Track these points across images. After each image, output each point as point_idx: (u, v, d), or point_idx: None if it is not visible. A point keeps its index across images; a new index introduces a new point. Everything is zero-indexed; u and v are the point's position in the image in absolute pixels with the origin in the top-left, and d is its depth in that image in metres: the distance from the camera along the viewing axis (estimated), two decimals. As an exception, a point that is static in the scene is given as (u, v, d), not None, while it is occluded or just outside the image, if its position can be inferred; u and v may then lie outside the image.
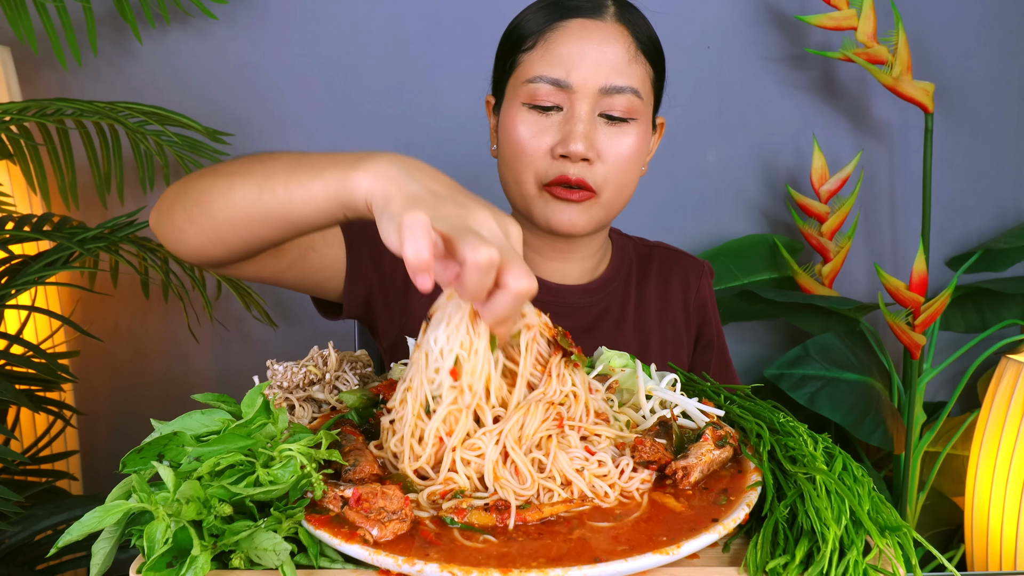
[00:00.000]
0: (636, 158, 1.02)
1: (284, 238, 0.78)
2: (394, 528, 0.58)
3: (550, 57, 0.98)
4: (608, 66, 0.98)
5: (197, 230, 0.80)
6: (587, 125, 0.98)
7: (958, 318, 2.00)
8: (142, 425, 0.69)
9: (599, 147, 0.99)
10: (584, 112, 0.98)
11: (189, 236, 0.81)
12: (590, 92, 0.98)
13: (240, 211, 0.75)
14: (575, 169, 0.99)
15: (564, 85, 0.98)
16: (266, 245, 0.80)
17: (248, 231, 0.77)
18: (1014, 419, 1.54)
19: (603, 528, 0.61)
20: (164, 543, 0.54)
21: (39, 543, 1.35)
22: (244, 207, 0.74)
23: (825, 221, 1.88)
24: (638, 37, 1.02)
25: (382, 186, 0.64)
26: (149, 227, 1.58)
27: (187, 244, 0.82)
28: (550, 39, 0.99)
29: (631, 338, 1.14)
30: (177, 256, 0.88)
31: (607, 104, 0.99)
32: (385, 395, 0.79)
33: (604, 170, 1.00)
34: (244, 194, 0.74)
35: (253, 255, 0.84)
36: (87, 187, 1.80)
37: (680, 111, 2.00)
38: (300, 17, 1.86)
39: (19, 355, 1.40)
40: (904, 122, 2.01)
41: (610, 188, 1.02)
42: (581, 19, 0.99)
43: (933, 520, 1.94)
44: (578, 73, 0.97)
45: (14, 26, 1.54)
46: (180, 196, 0.81)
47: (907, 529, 0.61)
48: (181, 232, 0.81)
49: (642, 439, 0.69)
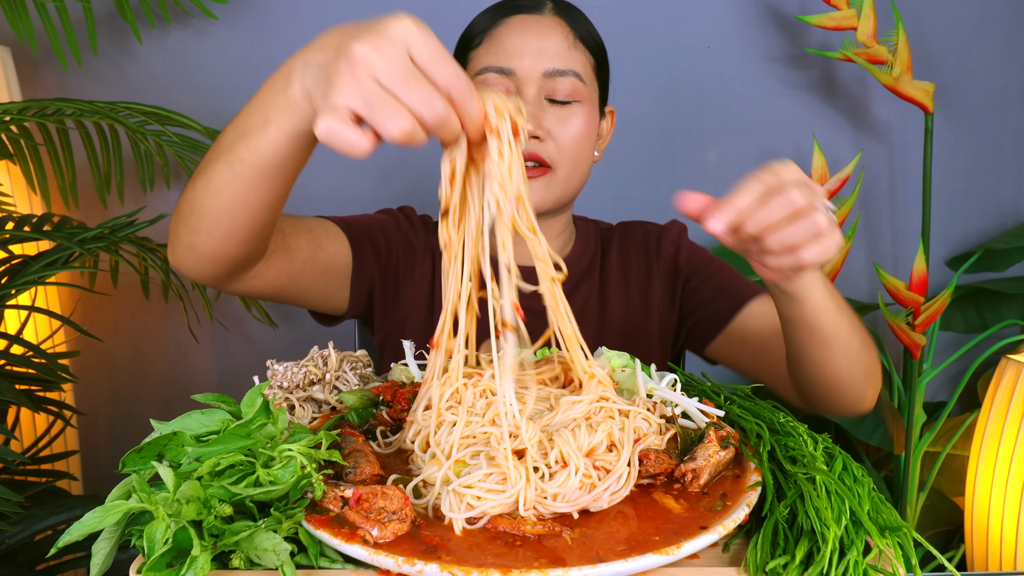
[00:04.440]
0: (584, 137, 1.09)
1: (280, 193, 0.79)
2: (394, 528, 0.58)
3: (495, 50, 1.07)
4: (549, 53, 1.06)
5: (204, 236, 0.82)
6: (533, 106, 1.05)
7: (958, 318, 2.00)
8: (142, 425, 0.69)
9: (547, 127, 1.06)
10: (530, 95, 1.05)
11: (200, 247, 0.83)
12: (534, 77, 1.05)
13: (227, 194, 0.76)
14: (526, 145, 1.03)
15: (508, 72, 1.06)
16: (270, 214, 0.81)
17: (245, 209, 0.78)
18: (1014, 419, 1.54)
19: (603, 528, 0.61)
20: (164, 543, 0.54)
21: (39, 543, 1.35)
22: (228, 189, 0.76)
23: (825, 221, 1.88)
24: (575, 28, 1.09)
25: (306, 99, 0.65)
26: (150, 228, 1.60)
27: (203, 256, 0.84)
28: (495, 35, 1.08)
29: (594, 312, 1.17)
30: (207, 283, 0.92)
31: (551, 87, 1.06)
32: (385, 396, 0.79)
33: (555, 146, 1.07)
34: (220, 178, 0.75)
35: (264, 236, 0.85)
36: (87, 187, 1.80)
37: (680, 111, 2.00)
38: (300, 17, 1.86)
39: (19, 355, 1.40)
40: (904, 122, 2.01)
41: (564, 164, 1.08)
42: (522, 15, 1.08)
43: (933, 520, 1.94)
44: (520, 61, 1.05)
45: (14, 26, 1.54)
46: (178, 220, 0.84)
47: (907, 529, 0.61)
48: (193, 248, 0.84)
49: (647, 452, 0.69)
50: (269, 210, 0.81)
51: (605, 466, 0.66)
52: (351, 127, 0.57)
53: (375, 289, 1.14)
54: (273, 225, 0.87)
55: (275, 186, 0.77)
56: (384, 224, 1.16)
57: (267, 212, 0.81)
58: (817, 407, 0.99)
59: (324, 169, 1.94)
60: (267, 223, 0.83)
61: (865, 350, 0.90)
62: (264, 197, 0.78)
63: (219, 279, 0.91)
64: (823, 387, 0.92)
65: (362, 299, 1.13)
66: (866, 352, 0.90)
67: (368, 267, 1.12)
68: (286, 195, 0.82)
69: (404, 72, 0.57)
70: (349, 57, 0.57)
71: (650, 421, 0.72)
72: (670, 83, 1.99)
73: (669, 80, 1.98)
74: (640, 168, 2.00)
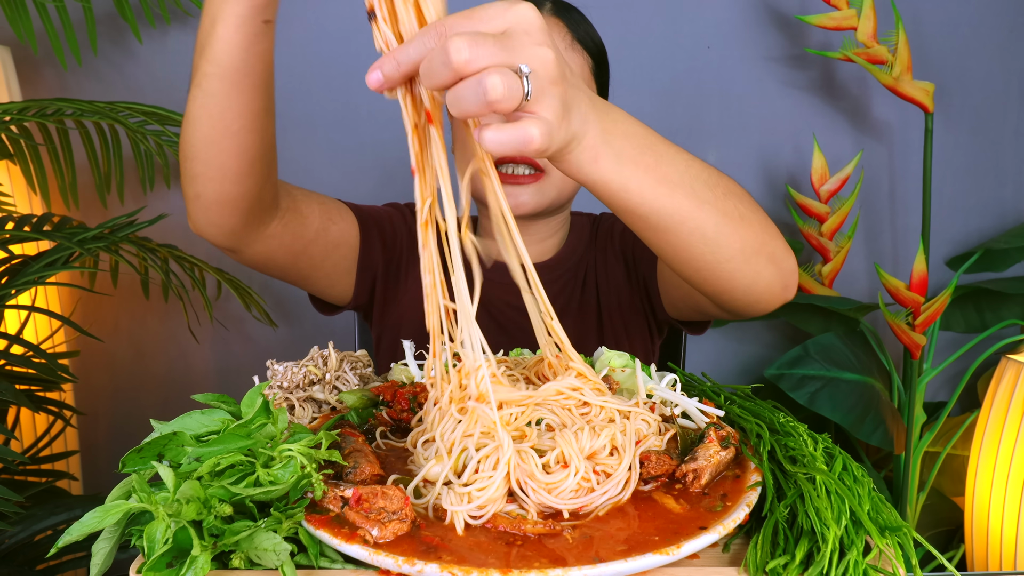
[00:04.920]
0: None
1: (256, 106, 0.80)
2: (394, 528, 0.58)
3: None
4: None
5: (203, 180, 0.84)
6: None
7: (958, 318, 2.00)
8: (142, 425, 0.69)
9: None
10: None
11: (204, 194, 0.85)
12: None
13: (206, 122, 0.78)
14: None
15: None
16: (255, 136, 0.82)
17: (227, 133, 0.79)
18: (1014, 419, 1.54)
19: (603, 528, 0.61)
20: (164, 543, 0.54)
21: (39, 543, 1.35)
22: (204, 115, 0.78)
23: (825, 221, 1.88)
24: (573, 29, 1.08)
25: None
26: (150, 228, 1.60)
27: (210, 204, 0.86)
28: None
29: (591, 306, 1.18)
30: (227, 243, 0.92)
31: None
32: (385, 396, 0.79)
33: None
34: (195, 106, 0.77)
35: (259, 169, 0.86)
36: (87, 187, 1.80)
37: (680, 111, 2.00)
38: (300, 17, 1.86)
39: (19, 355, 1.40)
40: (904, 122, 2.01)
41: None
42: None
43: (933, 520, 1.94)
44: None
45: (14, 26, 1.54)
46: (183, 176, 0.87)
47: (907, 529, 0.61)
48: (199, 197, 0.86)
49: (647, 454, 0.69)
50: (252, 131, 0.81)
51: (606, 470, 0.65)
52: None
53: (378, 279, 1.14)
54: (266, 156, 0.87)
55: (248, 97, 0.78)
56: (392, 216, 1.17)
57: (251, 134, 0.81)
58: (723, 309, 0.87)
59: (324, 170, 1.94)
60: (258, 151, 0.84)
61: (733, 225, 0.72)
62: (241, 112, 0.78)
63: (235, 233, 0.91)
64: (697, 279, 0.78)
65: (366, 287, 1.13)
66: (735, 227, 0.73)
67: (374, 254, 1.12)
68: (265, 111, 0.82)
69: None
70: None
71: (650, 422, 0.72)
72: (670, 83, 1.99)
73: (669, 80, 1.99)
74: (640, 168, 2.00)
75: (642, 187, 0.66)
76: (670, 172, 0.68)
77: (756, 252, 0.76)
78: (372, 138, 1.92)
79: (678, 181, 0.68)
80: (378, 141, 1.93)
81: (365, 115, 1.91)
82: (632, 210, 0.67)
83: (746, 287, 0.78)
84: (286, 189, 0.98)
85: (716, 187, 0.72)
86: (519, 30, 0.54)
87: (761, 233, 0.76)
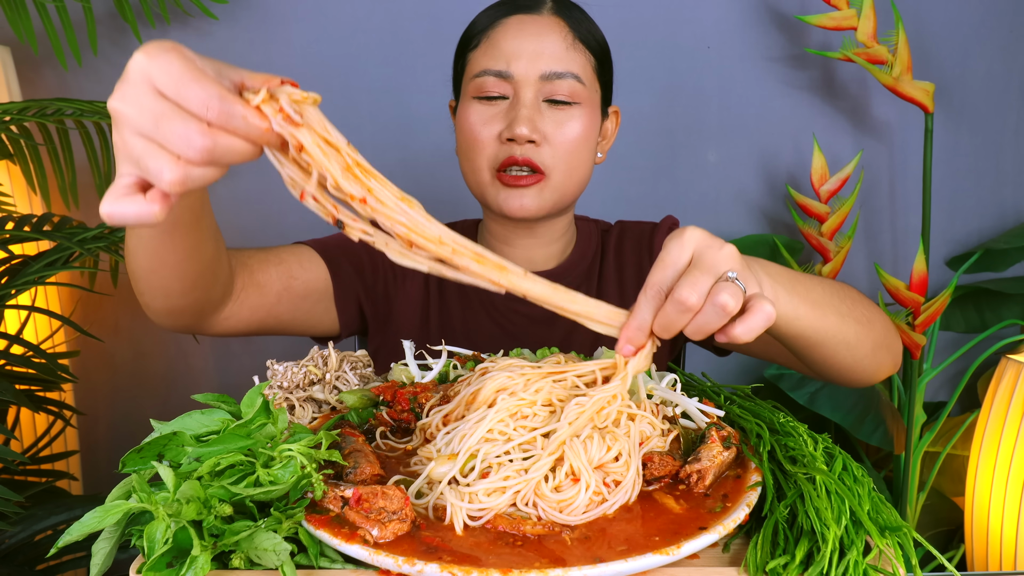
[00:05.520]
0: (582, 141, 1.07)
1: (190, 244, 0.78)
2: (394, 528, 0.58)
3: (493, 52, 1.05)
4: (546, 55, 1.04)
5: (147, 296, 0.85)
6: (530, 110, 1.03)
7: (958, 318, 2.00)
8: (142, 425, 0.69)
9: (544, 130, 1.04)
10: (527, 98, 1.03)
11: (150, 305, 0.87)
12: (531, 80, 1.03)
13: (142, 257, 0.79)
14: (521, 150, 1.04)
15: (507, 75, 1.04)
16: (195, 264, 0.81)
17: (165, 265, 0.79)
18: (1014, 419, 1.54)
19: (603, 528, 0.61)
20: (164, 543, 0.54)
21: (39, 543, 1.35)
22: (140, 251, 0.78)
23: (825, 221, 1.88)
24: (575, 28, 1.07)
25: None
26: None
27: (158, 312, 0.89)
28: (492, 36, 1.06)
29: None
30: (181, 332, 0.95)
31: (549, 90, 1.04)
32: (385, 396, 0.79)
33: (551, 151, 1.05)
34: (131, 242, 0.78)
35: (205, 283, 0.86)
36: (87, 187, 1.80)
37: (680, 111, 2.00)
38: (300, 17, 1.86)
39: (19, 355, 1.40)
40: (904, 122, 2.01)
41: (559, 169, 1.06)
42: (520, 15, 1.06)
43: (933, 520, 1.94)
44: (518, 63, 1.03)
45: (14, 26, 1.54)
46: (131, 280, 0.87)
47: (907, 529, 0.61)
48: (147, 307, 0.88)
49: (650, 455, 0.69)
50: (192, 260, 0.80)
51: (615, 479, 0.65)
52: (131, 198, 0.52)
53: (364, 304, 1.14)
54: (212, 273, 0.86)
55: (180, 242, 0.76)
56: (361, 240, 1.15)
57: (191, 263, 0.80)
58: (838, 383, 0.98)
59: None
60: (201, 273, 0.83)
61: (865, 330, 0.86)
62: (176, 252, 0.77)
63: (188, 328, 0.94)
64: (833, 376, 0.90)
65: (352, 317, 1.13)
66: (867, 331, 0.86)
67: (350, 285, 1.11)
68: (205, 243, 0.80)
69: (152, 114, 0.50)
70: (112, 118, 0.53)
71: (654, 424, 0.72)
72: (670, 83, 1.99)
73: (669, 80, 1.99)
74: (640, 168, 2.00)
75: (807, 313, 0.77)
76: (817, 296, 0.80)
77: (880, 346, 0.90)
78: (372, 138, 1.92)
79: (825, 302, 0.80)
80: (378, 141, 1.93)
81: (365, 115, 1.91)
82: (799, 334, 0.78)
83: (871, 374, 0.92)
84: (241, 263, 0.97)
85: (846, 299, 0.85)
86: (700, 249, 0.64)
87: (882, 330, 0.91)
